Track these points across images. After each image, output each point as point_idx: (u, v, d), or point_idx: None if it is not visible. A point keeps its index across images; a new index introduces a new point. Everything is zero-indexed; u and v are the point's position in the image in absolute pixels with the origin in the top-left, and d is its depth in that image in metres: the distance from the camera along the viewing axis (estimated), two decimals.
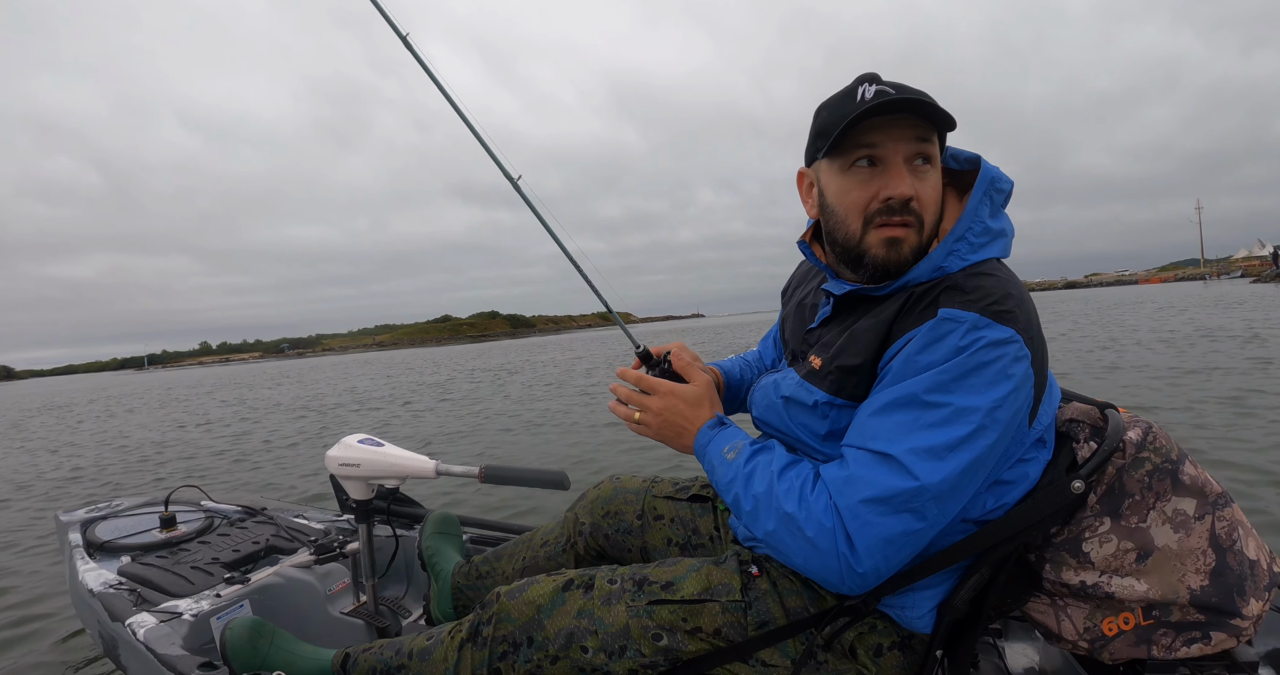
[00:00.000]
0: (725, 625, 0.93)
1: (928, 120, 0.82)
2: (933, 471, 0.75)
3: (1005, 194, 0.91)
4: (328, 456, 1.38)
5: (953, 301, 0.80)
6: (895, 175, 0.84)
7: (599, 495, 1.34)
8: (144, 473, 6.01)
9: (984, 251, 0.87)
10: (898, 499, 0.76)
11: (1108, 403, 0.95)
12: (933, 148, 0.85)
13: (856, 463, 0.80)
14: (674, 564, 1.02)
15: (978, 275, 0.83)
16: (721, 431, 0.98)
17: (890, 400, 0.80)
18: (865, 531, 0.77)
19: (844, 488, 0.79)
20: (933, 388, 0.77)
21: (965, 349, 0.77)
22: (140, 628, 1.33)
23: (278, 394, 15.71)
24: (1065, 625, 0.90)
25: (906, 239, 0.86)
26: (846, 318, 0.95)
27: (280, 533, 1.86)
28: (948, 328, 0.78)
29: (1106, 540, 0.86)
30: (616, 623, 0.95)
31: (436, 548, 1.54)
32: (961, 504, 0.79)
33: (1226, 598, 0.83)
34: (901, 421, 0.78)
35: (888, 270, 0.88)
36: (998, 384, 0.76)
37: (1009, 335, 0.78)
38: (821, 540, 0.79)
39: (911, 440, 0.77)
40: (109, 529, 1.88)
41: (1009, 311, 0.79)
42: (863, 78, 0.85)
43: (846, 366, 0.88)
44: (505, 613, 0.99)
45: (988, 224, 0.88)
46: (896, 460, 0.77)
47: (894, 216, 0.85)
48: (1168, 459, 0.88)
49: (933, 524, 0.78)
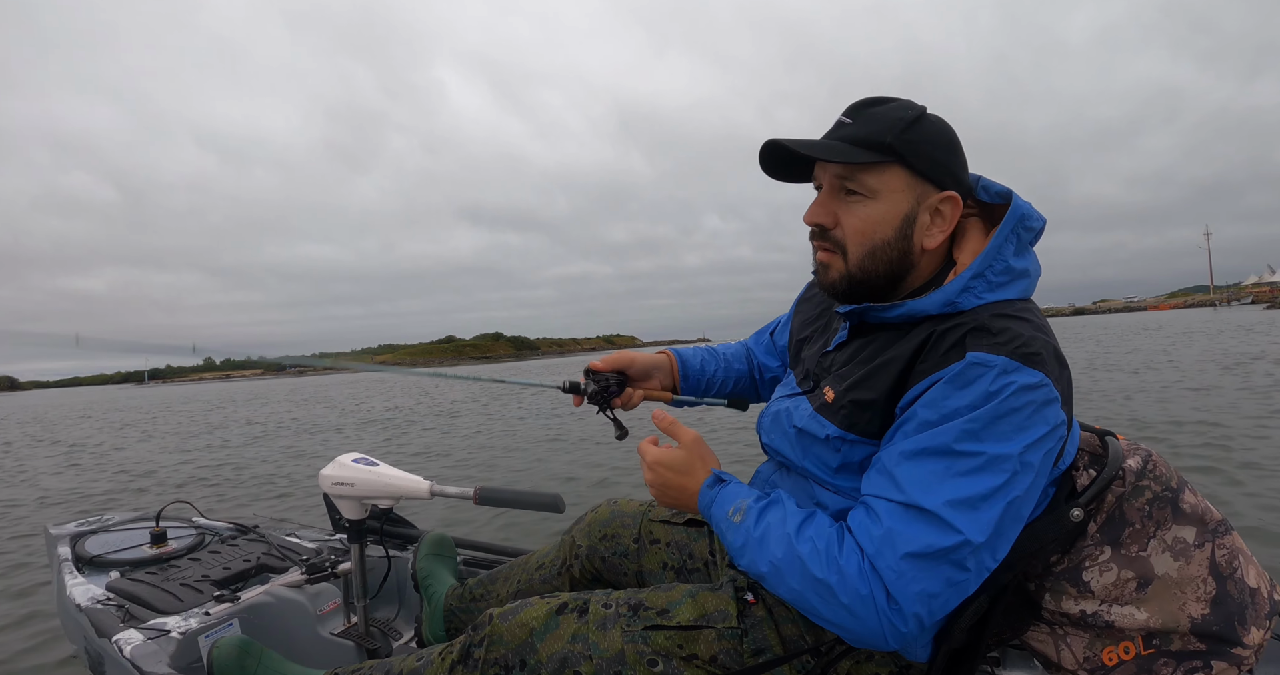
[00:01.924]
0: (721, 652, 0.91)
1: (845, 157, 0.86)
2: (972, 523, 0.73)
3: (1035, 232, 0.89)
4: (321, 475, 1.37)
5: (980, 344, 0.78)
6: (813, 204, 0.92)
7: (596, 518, 1.33)
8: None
9: (1002, 291, 0.85)
10: (940, 553, 0.73)
11: (1107, 430, 0.95)
12: (856, 182, 0.87)
13: (891, 517, 0.76)
14: (670, 589, 1.01)
15: (1005, 317, 0.81)
16: (722, 491, 0.92)
17: (920, 449, 0.77)
18: (908, 589, 0.73)
19: (882, 544, 0.75)
20: (964, 436, 0.75)
21: (996, 394, 0.75)
22: (127, 645, 1.31)
23: (249, 412, 15.46)
24: (1065, 654, 0.88)
25: (831, 264, 0.92)
26: (865, 345, 0.93)
27: (272, 551, 1.84)
28: (977, 372, 0.76)
29: (1107, 569, 0.84)
30: (611, 648, 0.93)
31: (430, 569, 1.53)
32: (1005, 552, 0.77)
33: (1227, 626, 0.82)
34: (934, 471, 0.75)
35: (826, 290, 0.95)
36: (1028, 429, 0.75)
37: (1039, 379, 0.76)
38: (859, 607, 0.75)
39: (947, 492, 0.74)
40: (99, 543, 1.87)
41: (1037, 354, 0.77)
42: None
43: (860, 401, 0.87)
44: (498, 635, 0.98)
45: (1010, 263, 0.86)
46: (934, 514, 0.74)
47: (815, 242, 0.93)
48: (1167, 487, 0.87)
49: (976, 574, 0.75)
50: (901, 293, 0.93)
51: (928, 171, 0.87)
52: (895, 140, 0.84)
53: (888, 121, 0.85)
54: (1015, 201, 0.89)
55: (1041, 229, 0.90)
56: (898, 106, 0.88)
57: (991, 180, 0.93)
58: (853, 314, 0.95)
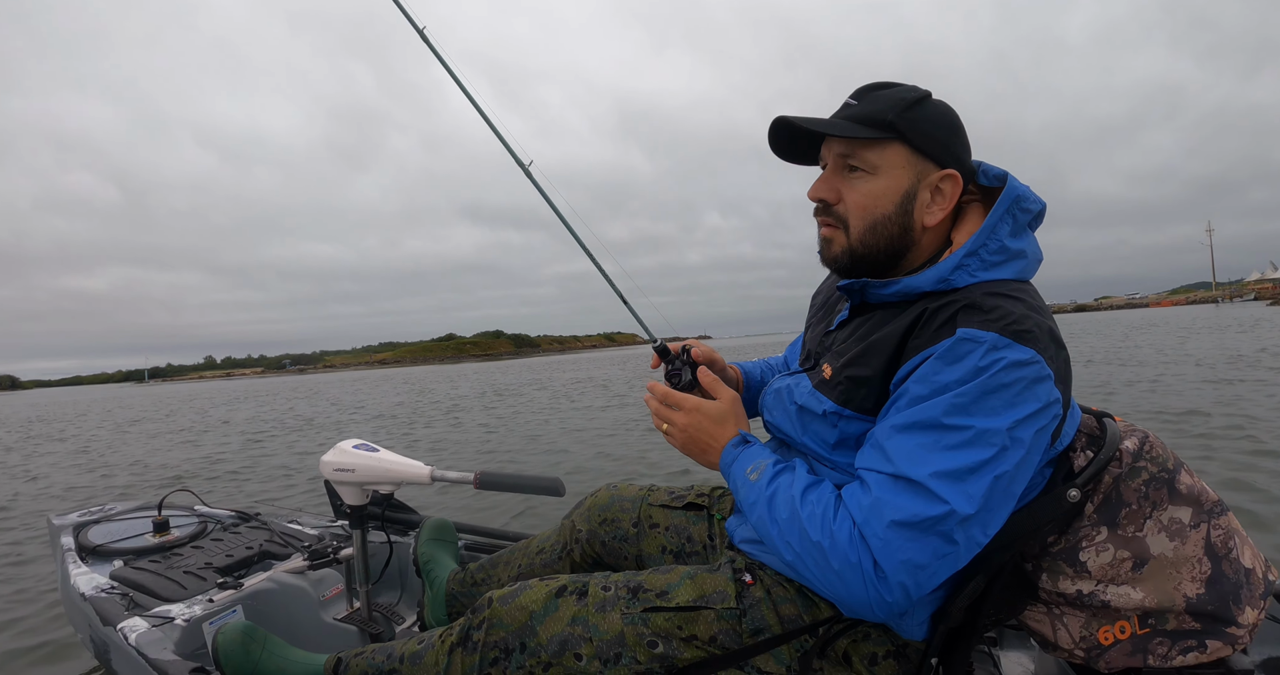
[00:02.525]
0: (720, 632, 0.92)
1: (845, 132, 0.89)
2: (959, 495, 0.74)
3: (1033, 214, 0.90)
4: (322, 461, 1.38)
5: (971, 321, 0.79)
6: (817, 181, 0.95)
7: (596, 502, 1.34)
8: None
9: (998, 271, 0.86)
10: (925, 524, 0.74)
11: (1104, 412, 0.96)
12: (858, 158, 0.90)
13: (880, 487, 0.78)
14: (668, 571, 1.01)
15: (997, 295, 0.82)
16: (745, 450, 0.96)
17: (910, 422, 0.78)
18: (893, 558, 0.75)
19: (869, 514, 0.77)
20: (952, 410, 0.76)
21: (985, 370, 0.76)
22: (132, 632, 1.32)
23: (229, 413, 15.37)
24: (1061, 634, 0.89)
25: (833, 239, 0.95)
26: (863, 323, 0.95)
27: (274, 538, 1.85)
28: (967, 348, 0.77)
29: (1103, 549, 0.85)
30: (611, 630, 0.94)
31: (431, 554, 1.53)
32: (996, 527, 0.77)
33: (1222, 606, 0.82)
34: (922, 444, 0.77)
35: (829, 265, 0.98)
36: (1018, 405, 0.76)
37: (1030, 356, 0.76)
38: (848, 573, 0.77)
39: (934, 464, 0.75)
40: (101, 533, 1.88)
41: (1029, 331, 0.78)
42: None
43: (856, 378, 0.88)
44: (497, 618, 0.99)
45: (1005, 243, 0.87)
46: (921, 485, 0.75)
47: (819, 217, 0.96)
48: (1164, 468, 0.88)
49: (964, 548, 0.76)
50: (902, 271, 0.95)
51: (928, 149, 0.88)
52: (897, 118, 0.86)
53: (891, 101, 0.88)
54: (1010, 182, 0.90)
55: (1040, 211, 0.91)
56: (903, 89, 0.90)
57: (991, 164, 0.94)
58: (852, 290, 0.96)
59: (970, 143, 0.93)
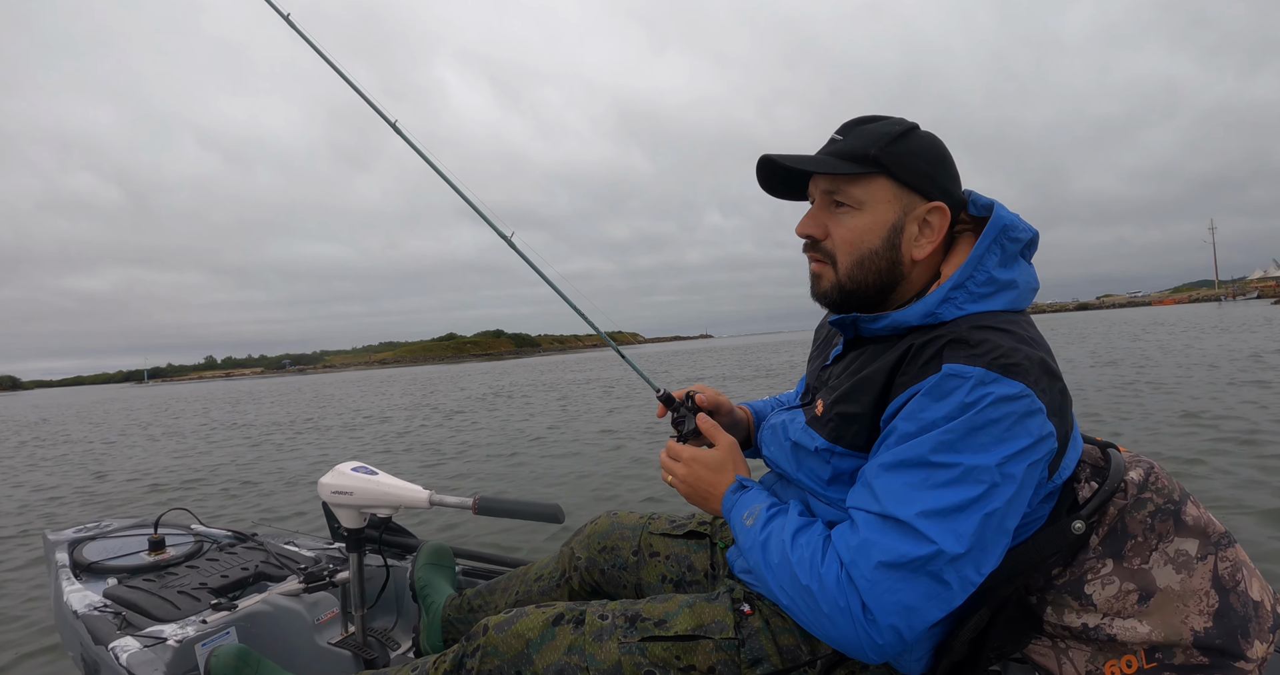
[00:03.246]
0: (719, 663, 0.91)
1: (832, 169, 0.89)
2: (947, 534, 0.72)
3: (1024, 243, 0.89)
4: (320, 484, 1.36)
5: (957, 356, 0.78)
6: (804, 217, 0.95)
7: (595, 530, 1.32)
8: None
9: (986, 303, 0.85)
10: (913, 564, 0.73)
11: (1109, 442, 0.94)
12: (844, 193, 0.89)
13: (867, 527, 0.77)
14: (666, 600, 1.00)
15: (985, 328, 0.81)
16: (743, 496, 0.96)
17: (897, 461, 0.77)
18: (881, 600, 0.74)
19: (857, 554, 0.76)
20: (940, 447, 0.74)
21: (972, 406, 0.74)
22: (123, 652, 1.30)
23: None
24: (1067, 668, 0.87)
25: (822, 274, 0.95)
26: (855, 358, 0.94)
27: (270, 559, 1.84)
28: (953, 384, 0.76)
29: (1109, 582, 0.84)
30: (608, 659, 0.92)
31: (429, 579, 1.52)
32: (991, 565, 0.76)
33: (1230, 639, 0.80)
34: (910, 483, 0.75)
35: (819, 300, 0.98)
36: (1007, 441, 0.74)
37: (1019, 390, 0.75)
38: (838, 617, 0.76)
39: (921, 503, 0.74)
40: (96, 550, 1.86)
41: (1017, 365, 0.76)
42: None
43: (846, 414, 0.87)
44: (493, 645, 0.97)
45: (994, 274, 0.86)
46: (908, 525, 0.74)
47: (808, 252, 0.96)
48: (1170, 499, 0.86)
49: (958, 588, 0.74)
50: (893, 304, 0.94)
51: (913, 182, 0.87)
52: (880, 152, 0.86)
53: (875, 135, 0.87)
54: (997, 211, 0.88)
55: (1030, 239, 0.89)
56: (888, 122, 0.89)
57: (980, 194, 0.93)
58: (844, 325, 0.96)
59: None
